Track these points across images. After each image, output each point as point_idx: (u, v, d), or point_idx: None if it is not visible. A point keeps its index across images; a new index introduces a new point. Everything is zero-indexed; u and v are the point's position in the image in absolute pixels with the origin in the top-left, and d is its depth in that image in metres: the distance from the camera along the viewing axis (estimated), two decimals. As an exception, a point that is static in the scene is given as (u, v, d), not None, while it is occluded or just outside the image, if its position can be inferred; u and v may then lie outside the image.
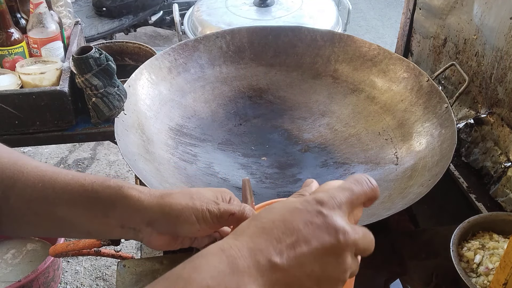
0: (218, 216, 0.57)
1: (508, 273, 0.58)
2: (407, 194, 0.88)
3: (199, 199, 0.57)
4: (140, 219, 0.57)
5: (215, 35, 1.19)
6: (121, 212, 0.56)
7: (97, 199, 0.56)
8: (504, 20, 0.92)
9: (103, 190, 0.56)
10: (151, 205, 0.56)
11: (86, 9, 3.06)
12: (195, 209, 0.56)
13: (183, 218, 0.56)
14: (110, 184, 0.57)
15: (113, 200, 0.56)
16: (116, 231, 0.58)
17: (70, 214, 0.57)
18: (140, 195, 0.57)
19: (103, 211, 0.56)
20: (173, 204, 0.56)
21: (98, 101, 1.01)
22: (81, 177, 0.57)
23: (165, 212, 0.56)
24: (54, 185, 0.56)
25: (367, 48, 1.16)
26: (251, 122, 1.15)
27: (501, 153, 0.97)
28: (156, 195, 0.57)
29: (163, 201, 0.57)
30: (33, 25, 1.26)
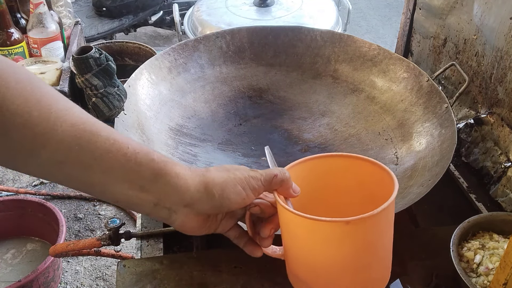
0: (262, 180, 0.59)
1: (508, 273, 0.58)
2: (407, 194, 0.88)
3: (237, 170, 0.59)
4: (179, 199, 0.56)
5: (215, 35, 1.19)
6: (161, 189, 0.55)
7: (139, 172, 0.53)
8: (504, 20, 0.92)
9: (147, 164, 0.54)
10: (194, 183, 0.56)
11: (86, 9, 3.06)
12: (238, 179, 0.58)
13: (228, 190, 0.57)
14: (154, 158, 0.54)
15: (155, 176, 0.54)
16: (148, 207, 0.56)
17: (105, 182, 0.53)
18: (185, 173, 0.56)
19: (142, 185, 0.54)
20: (215, 179, 0.57)
21: (98, 101, 1.01)
22: (123, 144, 0.53)
23: (209, 187, 0.56)
24: (94, 150, 0.51)
25: (367, 48, 1.16)
26: (251, 122, 1.15)
27: (501, 153, 0.97)
28: (197, 173, 0.57)
29: (205, 178, 0.57)
30: (33, 25, 1.27)
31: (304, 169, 0.67)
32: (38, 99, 0.48)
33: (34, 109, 0.48)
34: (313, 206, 0.66)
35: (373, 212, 0.54)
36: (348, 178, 0.68)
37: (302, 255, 0.61)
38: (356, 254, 0.58)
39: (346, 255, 0.58)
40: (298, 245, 0.60)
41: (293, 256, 0.62)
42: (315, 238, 0.58)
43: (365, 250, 0.59)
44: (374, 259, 0.61)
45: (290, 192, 0.61)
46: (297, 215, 0.56)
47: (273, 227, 0.63)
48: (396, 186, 0.60)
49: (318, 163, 0.68)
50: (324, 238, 0.57)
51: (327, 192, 0.70)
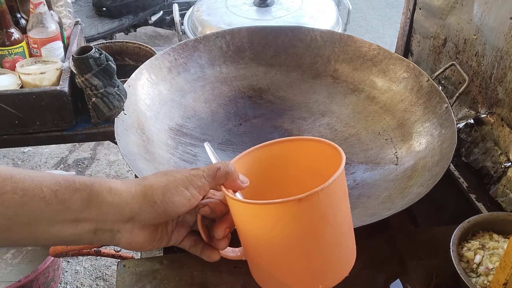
0: (205, 176, 0.55)
1: (508, 273, 0.58)
2: (407, 194, 0.88)
3: (176, 172, 0.55)
4: (119, 216, 0.52)
5: (215, 35, 1.19)
6: (96, 213, 0.50)
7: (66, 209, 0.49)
8: (504, 20, 0.92)
9: (71, 196, 0.49)
10: (131, 194, 0.52)
11: (86, 9, 3.06)
12: (179, 180, 0.54)
13: (170, 193, 0.53)
14: (77, 187, 0.50)
15: (85, 202, 0.50)
16: (87, 237, 0.52)
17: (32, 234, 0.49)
18: (118, 187, 0.52)
19: (75, 218, 0.50)
20: (154, 185, 0.53)
21: (98, 101, 1.01)
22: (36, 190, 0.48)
23: (149, 195, 0.52)
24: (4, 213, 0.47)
25: (367, 48, 1.16)
26: (251, 122, 1.15)
27: (501, 153, 0.97)
28: (132, 183, 0.53)
29: (142, 186, 0.53)
30: (33, 25, 1.26)
31: (252, 160, 0.65)
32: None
33: None
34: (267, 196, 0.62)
35: (323, 185, 0.52)
36: (298, 162, 0.66)
37: (261, 246, 0.57)
38: (315, 232, 0.56)
39: (306, 235, 0.56)
40: (256, 237, 0.57)
41: (253, 251, 0.59)
42: (271, 224, 0.54)
43: (323, 227, 0.55)
44: (334, 235, 0.57)
45: (237, 183, 0.58)
46: (248, 203, 0.54)
47: (227, 226, 0.59)
48: (343, 158, 0.58)
49: (265, 152, 0.66)
50: (280, 222, 0.54)
51: (280, 180, 0.67)
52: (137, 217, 0.53)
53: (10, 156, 2.48)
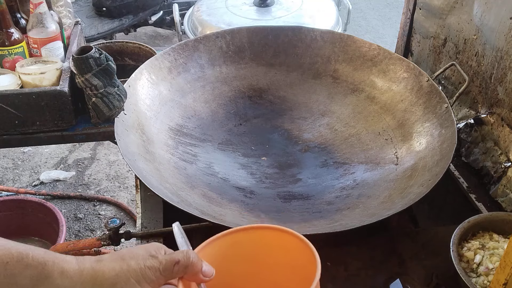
0: (161, 269, 0.51)
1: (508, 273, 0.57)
2: (407, 194, 0.88)
3: (132, 258, 0.51)
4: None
5: (215, 35, 1.19)
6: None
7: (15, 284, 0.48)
8: (504, 20, 0.92)
9: (21, 273, 0.48)
10: (81, 280, 0.50)
11: (86, 9, 3.06)
12: (132, 271, 0.50)
13: (120, 285, 0.50)
14: (29, 263, 0.48)
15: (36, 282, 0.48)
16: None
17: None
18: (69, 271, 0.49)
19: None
20: (105, 272, 0.50)
21: (98, 101, 1.01)
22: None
23: (98, 283, 0.50)
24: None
25: (367, 48, 1.16)
26: (251, 122, 1.15)
27: (501, 153, 0.97)
28: (86, 266, 0.51)
29: (94, 272, 0.50)
30: (33, 25, 1.26)
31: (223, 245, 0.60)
32: None
33: None
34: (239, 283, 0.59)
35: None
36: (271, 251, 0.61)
37: None
38: None
39: None
40: None
41: None
42: None
43: None
44: None
45: (199, 277, 0.54)
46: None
47: None
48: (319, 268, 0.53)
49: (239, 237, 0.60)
50: None
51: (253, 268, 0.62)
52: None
53: (10, 156, 2.48)
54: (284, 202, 0.95)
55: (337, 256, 0.82)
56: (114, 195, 2.27)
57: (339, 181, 1.00)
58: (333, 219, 0.88)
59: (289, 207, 0.94)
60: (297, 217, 0.91)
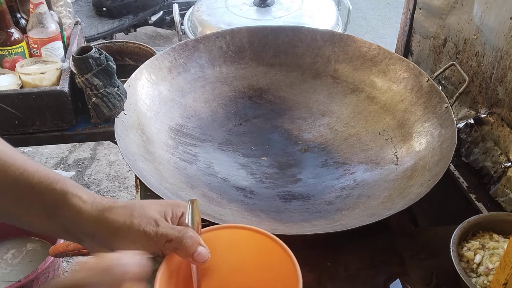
0: (154, 240, 0.53)
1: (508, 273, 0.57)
2: (407, 194, 0.88)
3: (139, 216, 0.54)
4: (80, 230, 0.55)
5: (215, 35, 1.19)
6: (63, 219, 0.54)
7: (41, 202, 0.54)
8: (504, 20, 0.92)
9: (48, 193, 0.54)
10: (89, 219, 0.54)
11: (86, 9, 3.06)
12: (132, 229, 0.53)
13: (118, 237, 0.53)
14: (55, 188, 0.54)
15: (56, 205, 0.54)
16: (60, 233, 0.56)
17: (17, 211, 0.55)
18: (82, 206, 0.54)
19: (47, 213, 0.54)
20: (110, 221, 0.54)
21: (98, 101, 1.01)
22: (30, 173, 0.54)
23: (102, 228, 0.54)
24: (4, 179, 0.54)
25: (367, 48, 1.16)
26: (251, 122, 1.15)
27: (501, 153, 0.97)
28: (98, 208, 0.54)
29: (102, 216, 0.54)
30: (33, 25, 1.26)
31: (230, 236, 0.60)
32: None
33: None
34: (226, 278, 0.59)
35: None
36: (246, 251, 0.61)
37: None
38: None
39: None
40: None
41: None
42: None
43: None
44: None
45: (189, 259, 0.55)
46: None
47: None
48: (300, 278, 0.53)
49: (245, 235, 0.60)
50: None
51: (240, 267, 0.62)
52: (94, 237, 0.55)
53: (10, 156, 2.49)
54: (284, 202, 0.95)
55: (337, 256, 0.82)
56: (114, 195, 2.27)
57: (339, 181, 1.00)
58: (333, 219, 0.88)
59: (289, 207, 0.94)
60: (297, 217, 0.91)
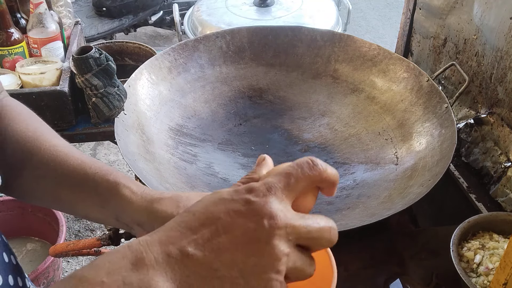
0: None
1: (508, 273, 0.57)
2: (407, 194, 0.88)
3: (185, 207, 0.55)
4: (130, 218, 0.57)
5: (215, 35, 1.19)
6: (114, 208, 0.57)
7: (96, 191, 0.58)
8: (504, 20, 0.92)
9: (102, 183, 0.58)
10: (139, 209, 0.56)
11: (86, 9, 3.06)
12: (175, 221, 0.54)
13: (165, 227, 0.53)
14: (109, 178, 0.58)
15: (108, 195, 0.57)
16: (112, 221, 0.59)
17: (72, 198, 0.59)
18: (132, 197, 0.57)
19: (100, 202, 0.58)
20: (159, 212, 0.55)
21: (98, 101, 1.01)
22: (87, 164, 0.59)
23: (151, 218, 0.55)
24: (63, 168, 0.58)
25: (367, 48, 1.16)
26: (251, 122, 1.15)
27: (501, 153, 0.97)
28: (147, 198, 0.57)
29: (151, 207, 0.56)
30: (33, 25, 1.26)
31: None
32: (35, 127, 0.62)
33: (30, 130, 0.60)
34: None
35: None
36: None
37: None
38: None
39: None
40: None
41: None
42: None
43: None
44: None
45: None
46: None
47: None
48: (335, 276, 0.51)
49: None
50: None
51: None
52: (144, 226, 0.57)
53: (10, 156, 2.49)
54: (284, 202, 0.95)
55: (337, 256, 0.82)
56: (114, 195, 2.26)
57: (339, 181, 1.00)
58: (333, 219, 0.88)
59: (289, 207, 0.94)
60: (297, 217, 0.91)
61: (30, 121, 0.63)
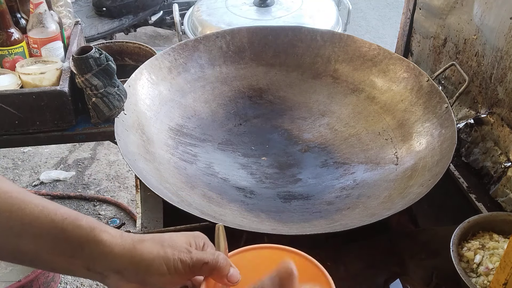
0: (190, 265, 0.54)
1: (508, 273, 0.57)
2: (407, 194, 0.88)
3: (170, 246, 0.55)
4: (108, 266, 0.55)
5: (215, 35, 1.19)
6: (88, 256, 0.54)
7: (65, 239, 0.53)
8: (504, 20, 0.92)
9: (73, 230, 0.53)
10: (121, 253, 0.54)
11: (86, 9, 3.06)
12: (166, 259, 0.54)
13: (153, 268, 0.54)
14: (81, 224, 0.54)
15: (82, 242, 0.54)
16: (82, 272, 0.55)
17: (35, 249, 0.54)
18: (112, 241, 0.54)
19: (70, 251, 0.54)
20: (144, 254, 0.54)
21: (98, 101, 1.01)
22: (52, 210, 0.54)
23: (135, 261, 0.54)
24: (22, 217, 0.53)
25: (367, 48, 1.16)
26: (251, 122, 1.15)
27: (501, 153, 0.97)
28: (128, 242, 0.55)
29: (134, 250, 0.54)
30: (33, 25, 1.26)
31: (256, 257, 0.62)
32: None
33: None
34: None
35: None
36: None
37: None
38: None
39: None
40: None
41: None
42: None
43: None
44: None
45: (224, 280, 0.56)
46: None
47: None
48: None
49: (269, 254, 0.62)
50: None
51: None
52: (123, 273, 0.55)
53: (10, 156, 2.48)
54: (284, 202, 0.95)
55: (337, 256, 0.82)
56: (114, 195, 2.27)
57: (339, 181, 1.00)
58: (333, 219, 0.88)
59: (289, 207, 0.94)
60: (297, 217, 0.91)
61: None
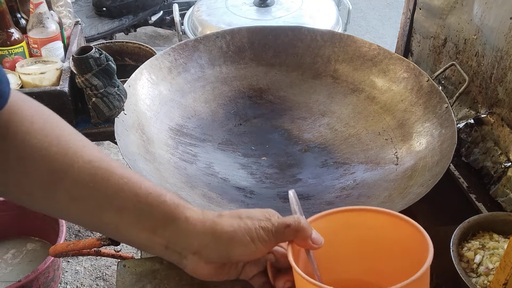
0: (273, 231, 0.54)
1: (508, 273, 0.57)
2: (407, 194, 0.88)
3: (249, 218, 0.55)
4: (188, 245, 0.54)
5: (215, 35, 1.19)
6: (171, 233, 0.53)
7: (149, 214, 0.53)
8: (504, 20, 0.92)
9: (158, 206, 0.53)
10: (204, 229, 0.54)
11: (86, 9, 3.06)
12: (248, 229, 0.54)
13: (236, 240, 0.53)
14: (166, 200, 0.53)
15: (166, 219, 0.53)
16: (159, 249, 0.55)
17: (117, 222, 0.53)
18: (195, 218, 0.54)
19: (153, 227, 0.53)
20: (224, 227, 0.54)
21: (98, 101, 1.01)
22: (136, 183, 0.53)
23: (218, 235, 0.54)
24: (106, 188, 0.51)
25: (367, 48, 1.16)
26: (251, 122, 1.15)
27: (501, 153, 0.97)
28: (209, 217, 0.55)
29: (215, 225, 0.54)
30: (33, 25, 1.26)
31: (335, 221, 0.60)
32: (58, 135, 0.51)
33: (53, 144, 0.50)
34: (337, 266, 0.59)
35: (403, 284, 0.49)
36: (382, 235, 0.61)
37: None
38: None
39: None
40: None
41: None
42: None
43: None
44: None
45: (308, 243, 0.55)
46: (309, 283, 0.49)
47: (288, 279, 0.57)
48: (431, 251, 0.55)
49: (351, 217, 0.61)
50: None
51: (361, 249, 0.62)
52: (203, 252, 0.54)
53: (10, 156, 2.48)
54: (284, 202, 0.95)
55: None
56: (114, 195, 2.26)
57: (339, 181, 1.00)
58: (333, 219, 0.88)
59: (289, 207, 0.94)
60: (297, 217, 0.91)
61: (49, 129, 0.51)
